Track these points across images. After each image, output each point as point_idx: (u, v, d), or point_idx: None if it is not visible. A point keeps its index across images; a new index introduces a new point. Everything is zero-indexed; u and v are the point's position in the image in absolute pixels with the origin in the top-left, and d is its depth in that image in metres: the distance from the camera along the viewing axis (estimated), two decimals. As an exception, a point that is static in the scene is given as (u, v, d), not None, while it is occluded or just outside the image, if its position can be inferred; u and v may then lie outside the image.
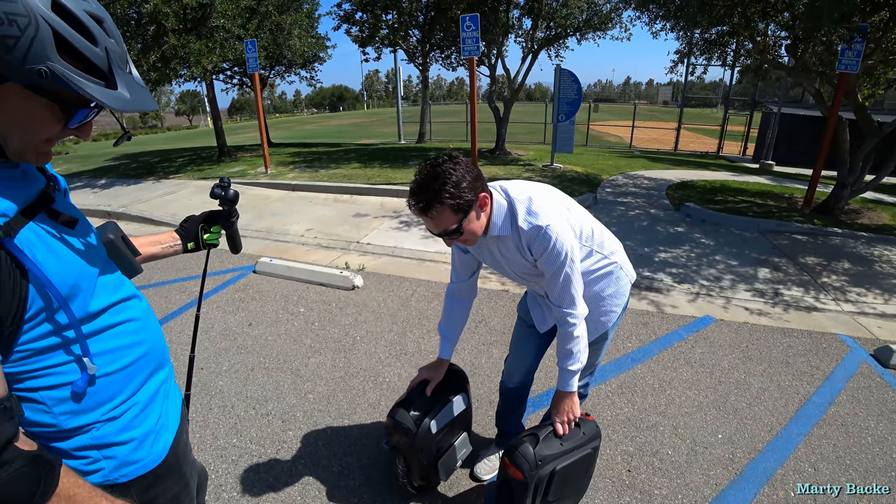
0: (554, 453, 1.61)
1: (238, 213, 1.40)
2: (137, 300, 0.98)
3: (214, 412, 2.59)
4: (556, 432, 1.64)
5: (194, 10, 8.41)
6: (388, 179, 7.83)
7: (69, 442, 0.85)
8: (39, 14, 0.66)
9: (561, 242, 1.44)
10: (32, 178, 0.82)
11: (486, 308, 3.74)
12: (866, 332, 3.45)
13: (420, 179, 1.37)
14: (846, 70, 5.39)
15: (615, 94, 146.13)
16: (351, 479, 2.14)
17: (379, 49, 12.74)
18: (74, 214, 0.88)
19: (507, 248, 1.56)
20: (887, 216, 6.27)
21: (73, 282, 0.79)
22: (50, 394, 0.80)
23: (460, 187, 1.34)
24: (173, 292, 4.09)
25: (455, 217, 1.38)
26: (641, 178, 8.78)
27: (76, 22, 0.70)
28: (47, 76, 0.67)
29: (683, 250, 4.98)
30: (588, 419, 1.75)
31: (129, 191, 8.30)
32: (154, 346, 0.99)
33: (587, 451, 1.70)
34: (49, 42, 0.67)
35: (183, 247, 1.30)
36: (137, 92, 0.78)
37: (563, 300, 1.54)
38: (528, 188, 1.56)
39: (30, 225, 0.75)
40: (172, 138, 31.73)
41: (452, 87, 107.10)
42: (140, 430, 0.94)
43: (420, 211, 1.38)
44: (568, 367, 1.60)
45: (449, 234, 1.41)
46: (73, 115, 0.76)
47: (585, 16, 9.93)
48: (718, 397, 2.71)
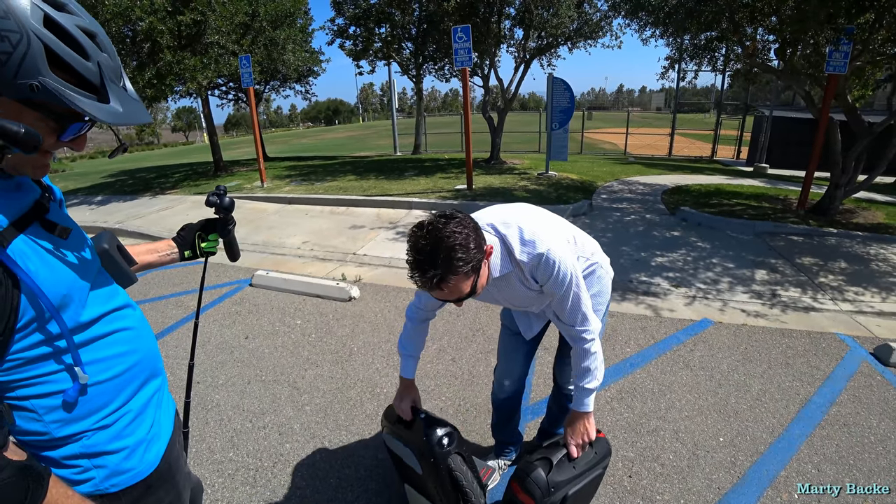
0: (567, 478, 1.54)
1: (234, 221, 1.39)
2: (131, 309, 0.97)
3: (211, 426, 2.56)
4: (569, 455, 1.58)
5: (189, 27, 8.48)
6: (384, 191, 7.84)
7: (60, 451, 0.85)
8: (31, 30, 0.67)
9: (564, 264, 1.41)
10: (27, 188, 0.83)
11: (483, 317, 3.73)
12: (865, 331, 3.45)
13: (423, 249, 1.22)
14: (834, 72, 5.44)
15: (608, 102, 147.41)
16: (349, 492, 2.11)
17: (373, 62, 12.85)
18: (68, 225, 0.88)
19: (508, 285, 1.51)
20: (882, 215, 6.30)
21: (65, 292, 0.79)
22: (41, 402, 0.80)
23: (470, 250, 1.22)
24: (170, 307, 4.06)
25: (469, 281, 1.27)
26: (636, 184, 8.82)
27: (68, 37, 0.71)
28: (39, 91, 0.68)
29: (680, 254, 4.98)
30: (599, 436, 1.68)
31: (126, 207, 8.31)
32: (147, 355, 0.98)
33: (598, 472, 1.63)
34: (41, 57, 0.68)
35: (180, 255, 1.30)
36: (130, 105, 0.79)
37: (575, 319, 1.51)
38: (510, 217, 1.47)
39: (22, 236, 0.76)
40: (168, 154, 31.84)
41: (447, 98, 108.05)
42: (132, 439, 0.93)
43: (431, 286, 1.24)
44: (585, 386, 1.55)
45: (463, 299, 1.32)
46: (66, 129, 0.76)
47: (576, 25, 10.04)
48: (719, 400, 2.69)
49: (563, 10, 9.42)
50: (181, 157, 23.19)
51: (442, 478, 1.61)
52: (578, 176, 9.08)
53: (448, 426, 1.67)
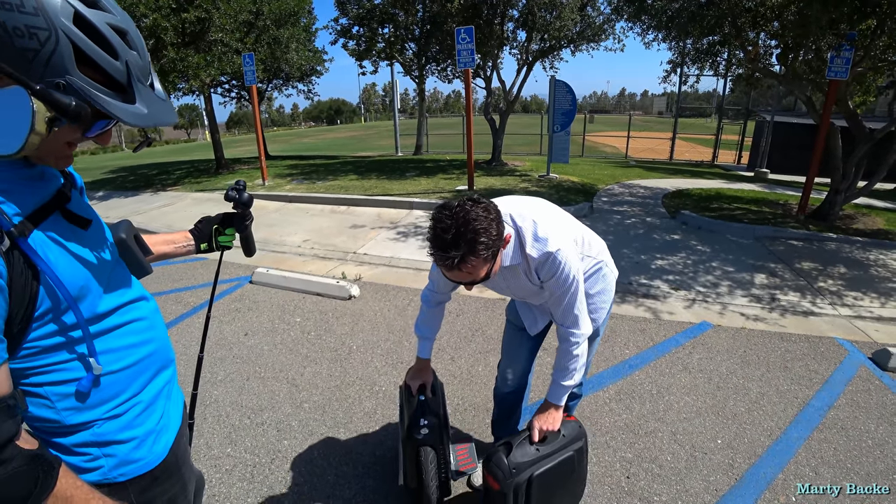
0: (529, 460, 1.57)
1: (252, 217, 1.41)
2: (145, 301, 0.98)
3: (209, 421, 2.56)
4: (531, 438, 1.61)
5: (193, 25, 8.50)
6: (385, 191, 7.85)
7: (70, 438, 0.85)
8: (61, 28, 0.66)
9: (569, 267, 1.44)
10: (50, 177, 0.83)
11: (483, 316, 3.73)
12: (864, 336, 3.45)
13: (448, 229, 1.24)
14: (836, 77, 5.45)
15: (610, 106, 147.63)
16: (346, 489, 2.11)
17: (376, 62, 12.88)
18: (89, 215, 0.88)
19: (513, 275, 1.54)
20: (882, 221, 6.30)
21: (83, 283, 0.80)
22: (54, 389, 0.81)
23: (492, 236, 1.25)
24: (169, 303, 4.07)
25: (486, 266, 1.30)
26: (637, 187, 8.83)
27: (98, 35, 0.71)
28: (65, 90, 0.68)
29: (680, 257, 4.99)
30: (569, 420, 1.72)
31: (127, 203, 8.31)
32: (159, 347, 0.99)
33: (568, 454, 1.65)
34: (69, 56, 0.67)
35: (196, 247, 1.31)
36: (157, 105, 0.79)
37: (566, 319, 1.54)
38: (528, 210, 1.51)
39: (44, 225, 0.76)
40: (170, 151, 31.84)
41: (449, 99, 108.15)
42: (141, 430, 0.93)
43: (451, 265, 1.26)
44: (561, 383, 1.60)
45: (476, 283, 1.34)
46: (92, 126, 0.77)
47: (579, 28, 10.06)
48: (717, 402, 2.70)
49: (566, 13, 9.44)
50: (183, 155, 23.20)
51: (410, 455, 1.77)
52: (579, 178, 9.08)
53: (434, 418, 1.77)
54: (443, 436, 1.79)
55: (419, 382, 1.88)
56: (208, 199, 8.28)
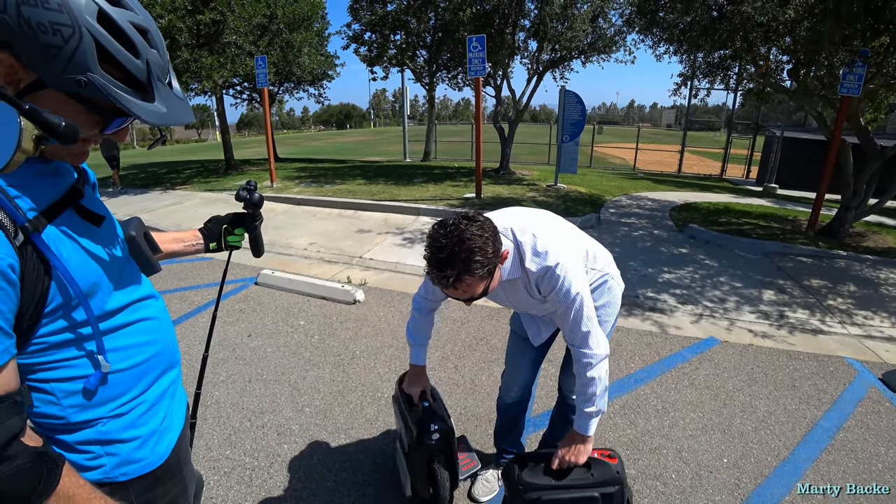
0: (540, 484, 1.51)
1: (262, 217, 1.41)
2: (154, 299, 0.98)
3: (209, 423, 2.55)
4: (551, 463, 1.53)
5: (207, 26, 8.61)
6: (393, 196, 7.87)
7: (74, 435, 0.84)
8: (84, 25, 0.66)
9: (569, 281, 1.40)
10: (65, 172, 0.83)
11: (487, 326, 3.71)
12: (874, 356, 3.39)
13: (443, 248, 1.25)
14: (848, 94, 5.42)
15: (619, 117, 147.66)
16: (345, 496, 2.08)
17: (387, 68, 12.94)
18: (101, 211, 0.88)
19: (514, 288, 1.53)
20: (892, 239, 6.23)
21: (94, 279, 0.80)
22: (61, 386, 0.80)
23: (487, 254, 1.26)
24: (174, 301, 4.08)
25: (483, 283, 1.31)
26: (645, 200, 8.79)
27: (120, 34, 0.71)
28: (86, 86, 0.68)
29: (687, 271, 4.95)
30: (608, 460, 1.57)
31: (136, 200, 8.38)
32: (166, 347, 0.98)
33: (591, 494, 1.51)
34: (91, 53, 0.67)
35: (205, 246, 1.31)
36: (175, 104, 0.79)
37: (575, 338, 1.48)
38: (529, 224, 1.49)
39: (57, 220, 0.76)
40: (181, 151, 32.13)
41: (458, 107, 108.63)
42: (145, 429, 0.93)
43: (447, 284, 1.28)
44: (584, 410, 1.50)
45: (476, 299, 1.35)
46: (110, 123, 0.77)
47: (590, 39, 10.09)
48: (723, 420, 2.65)
49: (578, 24, 9.47)
50: (193, 154, 23.41)
51: (420, 464, 1.74)
52: (587, 189, 9.06)
53: (442, 423, 1.76)
54: (451, 441, 1.77)
55: (419, 389, 1.86)
56: (217, 199, 8.33)
